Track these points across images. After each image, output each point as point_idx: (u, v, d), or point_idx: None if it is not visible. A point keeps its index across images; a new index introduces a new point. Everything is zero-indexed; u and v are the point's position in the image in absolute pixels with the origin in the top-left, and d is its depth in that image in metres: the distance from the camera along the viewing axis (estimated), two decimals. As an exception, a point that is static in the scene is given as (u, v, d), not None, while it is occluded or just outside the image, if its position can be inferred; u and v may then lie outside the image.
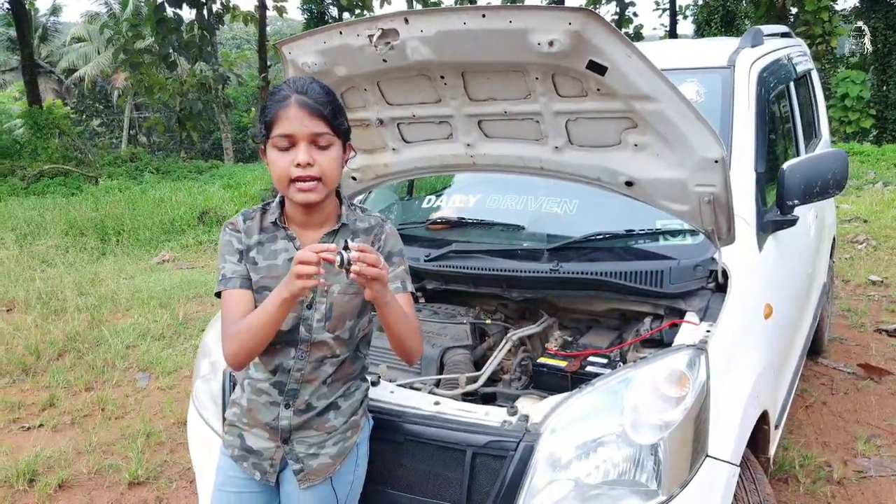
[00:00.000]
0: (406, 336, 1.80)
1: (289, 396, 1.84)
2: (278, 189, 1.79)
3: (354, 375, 1.93)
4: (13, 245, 8.25)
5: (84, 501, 3.45)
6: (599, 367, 2.25)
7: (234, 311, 1.78)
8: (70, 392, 4.69)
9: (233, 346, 1.73)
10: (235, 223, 1.86)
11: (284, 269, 1.79)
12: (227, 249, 1.84)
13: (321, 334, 1.82)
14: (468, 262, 2.59)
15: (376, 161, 2.74)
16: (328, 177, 1.73)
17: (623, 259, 2.47)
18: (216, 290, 1.82)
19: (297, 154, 1.69)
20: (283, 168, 1.71)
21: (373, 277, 1.57)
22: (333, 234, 1.85)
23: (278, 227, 1.84)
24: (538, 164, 2.46)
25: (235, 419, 1.93)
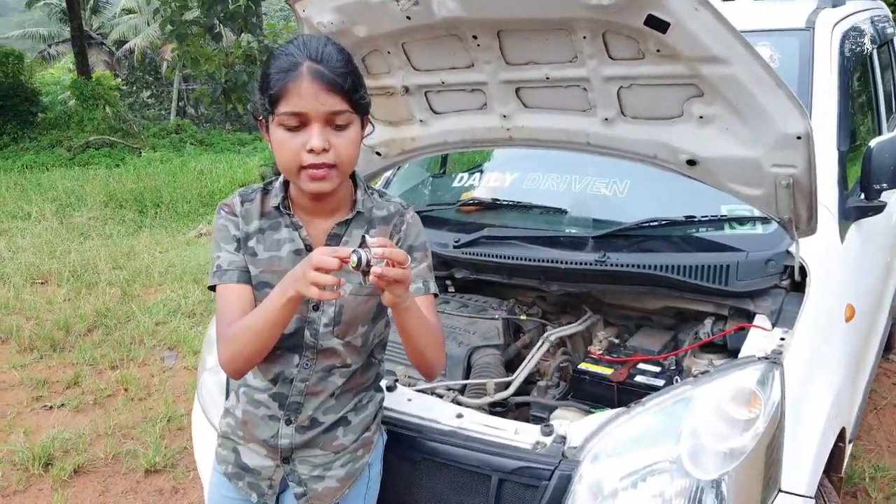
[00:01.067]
0: (427, 347, 1.52)
1: (290, 411, 1.59)
2: (285, 175, 1.51)
3: (367, 385, 1.67)
4: (52, 217, 8.24)
5: (98, 488, 3.31)
6: (651, 376, 1.94)
7: (230, 309, 1.52)
8: (95, 370, 4.58)
9: (228, 352, 1.48)
10: (231, 205, 1.59)
11: (289, 262, 1.53)
12: (223, 236, 1.57)
13: (329, 340, 1.56)
14: (502, 249, 2.29)
15: (402, 134, 2.45)
16: (345, 163, 1.45)
17: (681, 250, 2.14)
18: (209, 283, 1.57)
19: (309, 137, 1.39)
20: (293, 152, 1.42)
21: (396, 280, 1.29)
22: (346, 224, 1.57)
23: (282, 212, 1.57)
24: (584, 139, 2.14)
25: (229, 431, 1.69)
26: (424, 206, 2.68)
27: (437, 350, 1.56)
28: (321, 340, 1.55)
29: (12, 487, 3.31)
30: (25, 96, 15.71)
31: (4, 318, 5.37)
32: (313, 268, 1.28)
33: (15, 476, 3.38)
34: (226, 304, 1.53)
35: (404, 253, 1.31)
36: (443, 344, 1.59)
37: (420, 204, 2.76)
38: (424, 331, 1.49)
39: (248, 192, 1.62)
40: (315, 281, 1.27)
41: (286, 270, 1.51)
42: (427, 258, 1.62)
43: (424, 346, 1.51)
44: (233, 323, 1.50)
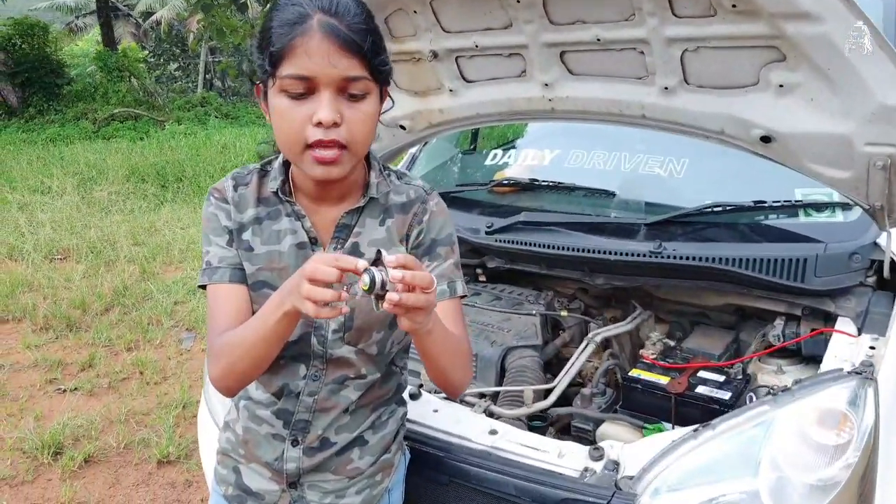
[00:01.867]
0: (451, 368, 1.28)
1: (297, 430, 1.36)
2: (285, 154, 1.26)
3: (387, 398, 1.43)
4: (73, 191, 8.12)
5: (109, 480, 3.15)
6: (714, 387, 1.68)
7: (222, 314, 1.29)
8: (111, 351, 4.43)
9: (219, 367, 1.25)
10: (223, 190, 1.35)
11: (291, 257, 1.30)
12: (213, 227, 1.33)
13: (339, 348, 1.33)
14: (540, 236, 2.03)
15: (430, 106, 2.19)
16: (358, 142, 1.20)
17: (749, 240, 1.86)
18: (200, 282, 1.33)
19: (317, 107, 1.14)
20: (296, 125, 1.16)
21: (417, 307, 1.05)
22: (358, 213, 1.33)
23: (282, 199, 1.33)
24: (639, 111, 1.87)
25: (230, 448, 1.47)
26: (453, 187, 2.42)
27: (463, 369, 1.31)
28: (330, 349, 1.32)
29: (20, 477, 3.16)
30: (51, 68, 15.64)
31: (21, 295, 5.25)
32: (307, 279, 1.04)
33: (24, 465, 3.24)
34: (217, 309, 1.30)
35: (430, 276, 1.05)
36: (470, 359, 1.35)
37: (448, 184, 2.51)
38: (448, 350, 1.24)
39: (242, 174, 1.37)
40: (310, 296, 1.03)
41: (287, 268, 1.28)
42: (454, 254, 1.37)
43: (448, 367, 1.27)
44: (225, 332, 1.27)
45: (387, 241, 1.33)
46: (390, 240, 1.33)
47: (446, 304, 1.32)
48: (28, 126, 13.82)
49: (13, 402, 3.83)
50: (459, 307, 1.37)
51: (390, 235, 1.33)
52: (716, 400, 1.62)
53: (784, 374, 1.80)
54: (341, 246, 1.31)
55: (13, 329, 4.82)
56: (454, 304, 1.34)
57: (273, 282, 1.29)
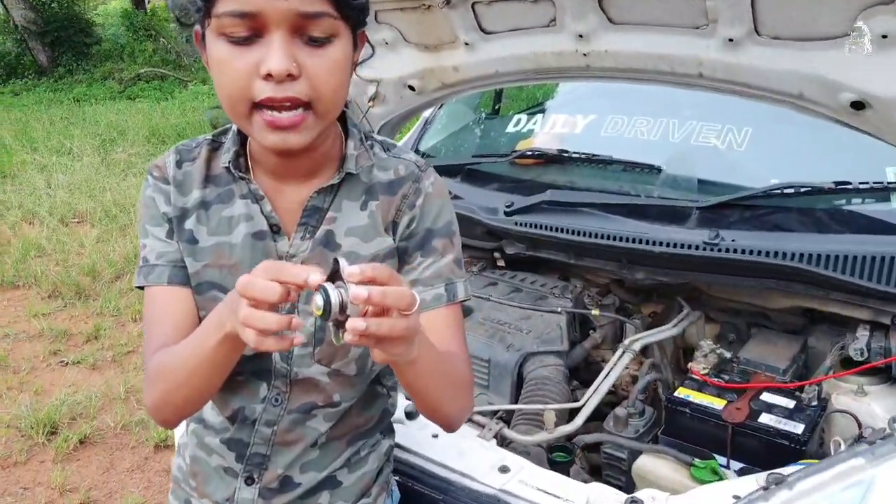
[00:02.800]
0: (445, 399, 0.99)
1: (252, 465, 1.09)
2: (230, 116, 0.96)
3: (368, 428, 1.15)
4: (93, 153, 7.93)
5: (103, 464, 2.96)
6: (782, 415, 1.35)
7: (159, 324, 1.02)
8: (118, 322, 4.25)
9: (154, 395, 0.99)
10: (163, 167, 1.06)
11: (245, 252, 1.02)
12: (150, 214, 1.05)
13: (307, 367, 1.05)
14: (570, 219, 1.70)
15: (442, 62, 1.86)
16: (325, 99, 0.90)
17: (828, 230, 1.51)
18: (136, 283, 1.06)
19: (265, 54, 0.86)
20: (239, 79, 0.87)
21: (393, 338, 0.75)
22: (332, 192, 1.03)
23: (235, 176, 1.03)
24: (695, 69, 1.52)
25: (181, 477, 1.21)
26: (468, 158, 2.09)
27: (461, 399, 1.02)
28: (296, 366, 1.04)
29: (13, 458, 3.00)
30: (80, 27, 15.46)
31: (32, 261, 5.09)
32: (242, 297, 0.74)
33: (18, 444, 3.07)
34: (153, 317, 1.03)
35: (410, 293, 0.75)
36: (470, 385, 1.05)
37: (463, 154, 2.17)
38: (439, 380, 0.95)
39: (189, 146, 1.08)
40: (247, 321, 0.75)
41: (239, 265, 1.01)
42: (454, 247, 1.06)
43: (441, 400, 0.98)
44: (162, 347, 0.99)
45: (369, 230, 1.03)
46: (374, 228, 1.04)
47: (441, 312, 1.03)
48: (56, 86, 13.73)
49: (14, 374, 3.69)
50: (459, 315, 1.07)
51: (374, 222, 1.04)
52: (785, 434, 1.30)
53: (866, 397, 1.46)
54: (310, 235, 1.02)
55: (22, 296, 4.67)
56: (452, 311, 1.04)
57: (223, 282, 1.01)
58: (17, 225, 5.88)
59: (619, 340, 1.81)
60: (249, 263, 0.99)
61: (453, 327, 1.04)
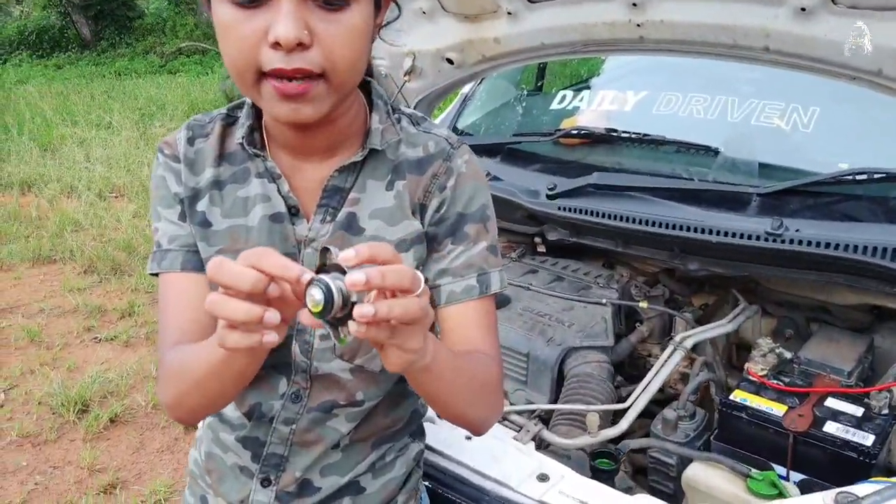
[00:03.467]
0: (470, 407, 0.90)
1: (269, 466, 1.01)
2: (238, 86, 0.86)
3: (396, 430, 1.06)
4: (132, 127, 7.98)
5: (133, 444, 2.95)
6: (850, 424, 1.23)
7: (173, 313, 0.94)
8: (152, 299, 4.25)
9: (168, 395, 0.91)
10: (173, 144, 0.97)
11: (262, 235, 0.93)
12: (161, 195, 0.97)
13: (328, 362, 0.96)
14: (617, 204, 1.58)
15: (483, 34, 1.74)
16: (341, 69, 0.80)
17: (905, 221, 1.37)
18: (149, 269, 0.97)
19: (273, 19, 0.76)
20: (245, 46, 0.77)
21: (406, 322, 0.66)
22: (355, 170, 0.93)
23: (250, 154, 0.94)
24: (762, 42, 1.38)
25: (197, 472, 1.14)
26: (509, 136, 1.97)
27: (488, 403, 0.93)
28: (317, 361, 0.95)
29: (44, 436, 3.00)
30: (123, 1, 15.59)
31: (70, 235, 5.13)
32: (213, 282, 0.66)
33: (48, 422, 3.08)
34: (168, 306, 0.95)
35: (412, 271, 0.65)
36: (499, 387, 0.95)
37: (504, 132, 2.05)
38: (459, 386, 0.85)
39: (202, 122, 0.98)
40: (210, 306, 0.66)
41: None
42: (488, 233, 0.96)
43: (462, 407, 0.89)
44: (177, 339, 0.92)
45: (396, 212, 0.93)
46: (401, 210, 0.94)
47: (472, 305, 0.93)
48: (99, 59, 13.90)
49: (47, 350, 3.70)
50: (491, 308, 0.97)
51: (400, 203, 0.94)
52: (853, 446, 1.18)
53: (942, 404, 1.33)
54: (331, 217, 0.92)
55: (59, 270, 4.71)
56: (484, 304, 0.95)
57: None
58: (56, 199, 5.95)
59: (668, 334, 1.70)
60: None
61: (485, 322, 0.95)
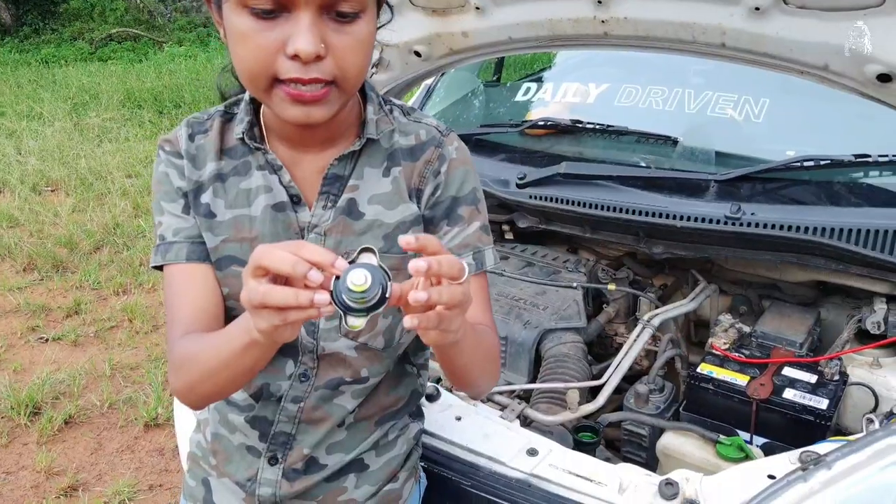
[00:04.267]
0: (481, 374, 0.99)
1: (276, 445, 1.06)
2: (248, 89, 0.92)
3: (397, 409, 1.12)
4: (65, 117, 7.68)
5: (91, 445, 2.89)
6: (806, 390, 1.35)
7: (181, 303, 0.98)
8: (99, 296, 4.14)
9: (180, 382, 0.94)
10: (174, 141, 1.01)
11: (266, 224, 0.98)
12: (164, 190, 1.01)
13: (334, 342, 1.01)
14: (585, 192, 1.66)
15: (451, 27, 1.78)
16: (351, 77, 0.87)
17: (847, 203, 1.49)
18: (153, 262, 1.00)
19: (293, 31, 0.81)
20: (262, 56, 0.82)
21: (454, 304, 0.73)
22: (352, 159, 0.99)
23: (251, 147, 0.98)
24: (718, 39, 1.47)
25: (200, 454, 1.18)
26: (476, 128, 2.03)
27: (494, 373, 1.03)
28: (322, 340, 1.01)
29: (-6, 441, 2.91)
30: (45, -16, 14.87)
31: (5, 232, 4.93)
32: (251, 275, 0.71)
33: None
34: (174, 297, 0.99)
35: (459, 262, 0.73)
36: (498, 356, 1.04)
37: (470, 124, 2.11)
38: (479, 356, 0.95)
39: (200, 119, 1.04)
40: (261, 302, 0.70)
41: (260, 237, 0.97)
42: (480, 214, 1.04)
43: (477, 376, 0.98)
44: (187, 328, 0.96)
45: (393, 197, 1.00)
46: (398, 195, 1.00)
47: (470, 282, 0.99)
48: (22, 46, 13.21)
49: (-9, 352, 3.57)
50: (486, 284, 1.06)
51: (397, 188, 1.00)
52: (810, 410, 1.29)
53: (881, 369, 1.46)
54: (332, 204, 0.98)
55: (-5, 269, 4.52)
56: (480, 280, 1.04)
57: (244, 257, 0.97)
58: (-13, 194, 5.70)
59: (632, 314, 1.79)
60: (270, 236, 0.96)
61: (482, 296, 1.02)
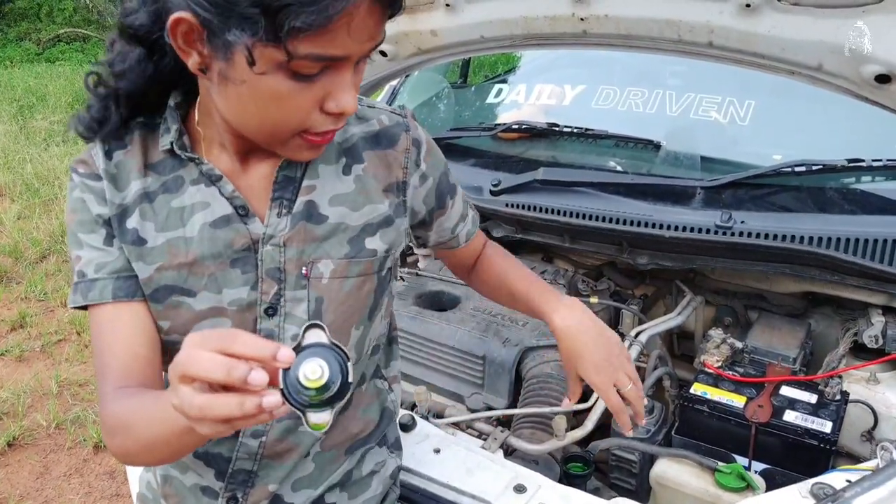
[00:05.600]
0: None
1: (236, 484, 0.94)
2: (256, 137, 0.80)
3: (369, 433, 1.01)
4: (10, 120, 7.35)
5: (37, 469, 2.70)
6: (807, 411, 1.26)
7: (112, 350, 0.84)
8: (45, 308, 3.93)
9: (114, 446, 0.80)
10: (90, 161, 0.87)
11: (204, 245, 0.85)
12: (80, 220, 0.86)
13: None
14: (565, 199, 1.56)
15: (419, 26, 1.67)
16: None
17: (840, 210, 1.42)
18: (71, 303, 0.86)
19: (333, 88, 0.74)
20: (299, 113, 0.74)
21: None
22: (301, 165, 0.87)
23: (182, 158, 0.85)
24: (706, 37, 1.39)
25: (150, 496, 1.05)
26: (446, 131, 1.91)
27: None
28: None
29: (-70, 466, 2.70)
30: (-12, -18, 14.32)
31: (-56, 241, 4.66)
32: (180, 377, 0.58)
33: (-64, 451, 2.77)
34: (102, 343, 0.85)
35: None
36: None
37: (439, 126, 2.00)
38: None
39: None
40: (201, 415, 0.57)
41: (198, 261, 0.84)
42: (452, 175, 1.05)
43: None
44: (119, 385, 0.82)
45: (358, 197, 0.90)
46: (364, 194, 0.90)
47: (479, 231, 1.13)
48: (-36, 47, 12.71)
49: (-72, 370, 3.34)
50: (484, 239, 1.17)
51: (363, 187, 0.90)
52: (813, 433, 1.21)
53: (879, 385, 1.39)
54: (287, 210, 0.86)
55: (-67, 280, 4.26)
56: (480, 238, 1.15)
57: (184, 285, 0.84)
58: (-74, 201, 5.40)
59: (614, 327, 1.70)
60: (211, 258, 0.84)
61: (481, 241, 1.15)
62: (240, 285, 0.84)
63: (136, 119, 0.86)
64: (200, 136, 0.84)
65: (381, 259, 0.91)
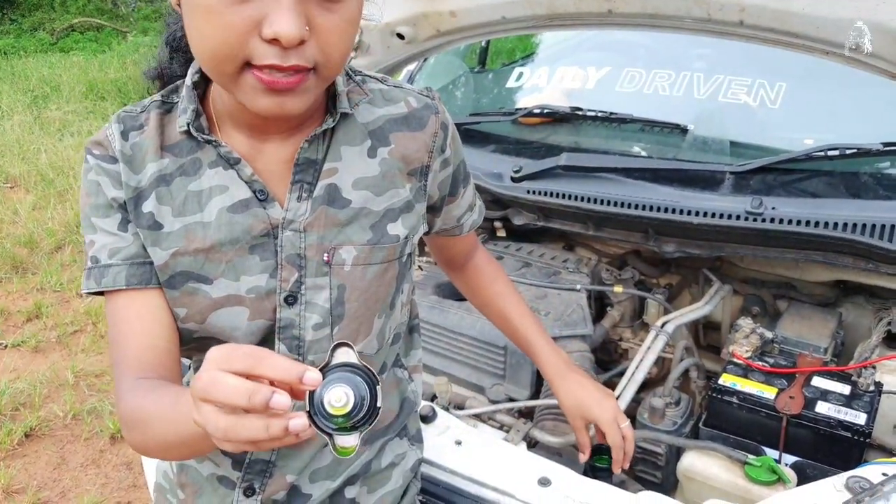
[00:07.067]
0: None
1: (253, 474, 0.91)
2: (209, 73, 0.75)
3: (388, 423, 0.99)
4: (25, 111, 7.36)
5: (53, 460, 2.70)
6: (840, 402, 1.22)
7: (127, 340, 0.81)
8: (61, 298, 3.93)
9: (133, 440, 0.78)
10: (105, 143, 0.83)
11: (223, 230, 0.81)
12: (94, 203, 0.83)
13: (324, 353, 0.85)
14: (588, 185, 1.51)
15: (437, 6, 1.63)
16: (334, 64, 0.73)
17: (878, 196, 1.37)
18: (84, 288, 0.83)
19: (270, 9, 0.66)
20: (232, 36, 0.67)
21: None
22: (325, 139, 0.84)
23: (199, 140, 0.82)
24: (736, 16, 1.34)
25: (167, 487, 1.03)
26: (465, 117, 1.87)
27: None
28: (311, 355, 0.85)
29: (-52, 456, 2.70)
30: (3, -26, 14.37)
31: (-39, 231, 4.68)
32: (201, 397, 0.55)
33: (-46, 441, 2.77)
34: (117, 332, 0.82)
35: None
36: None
37: (458, 112, 1.95)
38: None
39: (133, 112, 0.86)
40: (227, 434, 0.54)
41: (217, 247, 0.80)
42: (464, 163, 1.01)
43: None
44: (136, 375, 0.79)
45: (381, 182, 0.86)
46: (388, 179, 0.86)
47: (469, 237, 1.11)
48: (-22, 38, 12.77)
49: (-55, 360, 3.35)
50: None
51: (387, 172, 0.86)
52: (847, 425, 1.17)
53: (913, 376, 1.34)
54: (308, 194, 0.83)
55: (-50, 270, 4.28)
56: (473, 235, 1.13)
57: (202, 271, 0.81)
58: (-58, 191, 5.42)
59: (638, 317, 1.66)
60: (230, 245, 0.80)
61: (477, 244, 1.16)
62: (258, 272, 0.81)
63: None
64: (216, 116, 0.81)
65: (402, 245, 0.87)
